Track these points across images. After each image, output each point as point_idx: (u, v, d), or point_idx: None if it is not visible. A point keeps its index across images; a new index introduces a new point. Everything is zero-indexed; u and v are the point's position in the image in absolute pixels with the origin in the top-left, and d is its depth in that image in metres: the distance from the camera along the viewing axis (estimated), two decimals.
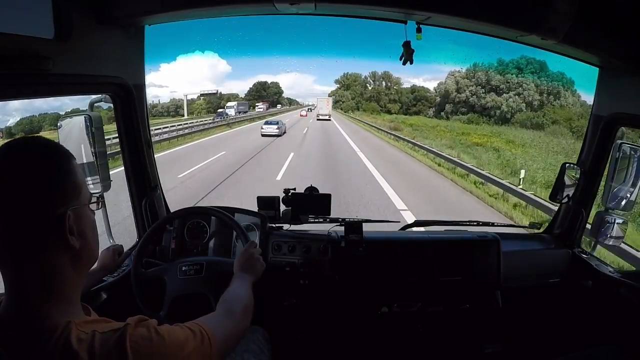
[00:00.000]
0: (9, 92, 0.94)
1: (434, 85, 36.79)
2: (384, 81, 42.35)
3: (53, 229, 0.58)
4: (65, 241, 0.59)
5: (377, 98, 41.75)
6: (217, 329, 0.73)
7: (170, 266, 1.25)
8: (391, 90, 41.42)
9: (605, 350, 1.28)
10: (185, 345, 0.65)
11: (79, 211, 0.62)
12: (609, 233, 1.48)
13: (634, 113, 1.35)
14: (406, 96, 39.43)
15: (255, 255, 1.11)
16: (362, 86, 44.52)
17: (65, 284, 0.61)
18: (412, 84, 40.49)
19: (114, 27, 1.19)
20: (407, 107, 38.10)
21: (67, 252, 0.60)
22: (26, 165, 0.58)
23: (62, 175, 0.61)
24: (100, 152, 1.32)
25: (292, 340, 1.58)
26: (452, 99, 31.93)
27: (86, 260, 0.65)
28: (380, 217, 1.94)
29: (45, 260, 0.58)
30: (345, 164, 11.09)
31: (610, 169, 1.48)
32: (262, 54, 57.77)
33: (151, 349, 0.60)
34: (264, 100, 45.78)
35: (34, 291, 0.58)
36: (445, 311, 1.52)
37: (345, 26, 62.55)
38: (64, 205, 0.59)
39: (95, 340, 0.56)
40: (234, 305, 0.87)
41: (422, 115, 34.50)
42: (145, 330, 0.61)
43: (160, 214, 1.60)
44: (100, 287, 1.22)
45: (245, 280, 1.01)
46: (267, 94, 49.63)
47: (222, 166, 9.97)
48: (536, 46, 1.29)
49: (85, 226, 0.63)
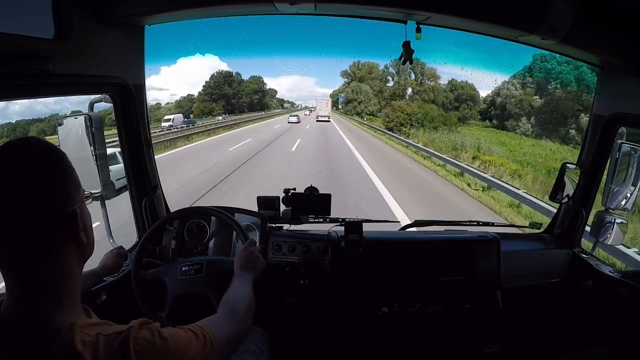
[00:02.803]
0: (9, 92, 0.94)
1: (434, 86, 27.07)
2: (414, 73, 28.29)
3: (66, 228, 0.59)
4: (76, 238, 0.61)
5: (403, 98, 28.07)
6: (219, 331, 0.74)
7: (170, 267, 1.25)
8: (424, 87, 27.85)
9: (605, 350, 1.27)
10: (189, 348, 0.65)
11: (83, 207, 0.63)
12: (609, 233, 1.49)
13: (634, 113, 1.35)
14: (444, 95, 27.00)
15: (255, 253, 1.11)
16: (381, 80, 31.04)
17: (72, 281, 0.62)
18: (451, 77, 27.11)
19: (114, 27, 1.19)
20: (446, 109, 26.02)
21: (76, 248, 0.61)
22: (30, 166, 0.58)
23: (65, 173, 0.62)
24: (100, 153, 1.32)
25: (292, 340, 1.58)
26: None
27: (89, 254, 0.66)
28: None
29: (57, 259, 0.59)
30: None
31: (610, 169, 1.48)
32: (262, 55, 56.22)
33: (154, 352, 0.60)
34: (227, 104, 30.17)
35: (41, 292, 0.58)
36: (445, 311, 1.52)
37: (345, 26, 62.30)
38: (72, 203, 0.60)
39: (99, 343, 0.56)
40: (236, 306, 0.87)
41: (490, 128, 22.74)
42: (148, 333, 0.61)
43: (160, 214, 1.60)
44: (100, 287, 1.22)
45: (246, 279, 1.01)
46: (234, 93, 33.09)
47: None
48: (536, 46, 1.29)
49: (87, 221, 0.65)
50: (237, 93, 33.79)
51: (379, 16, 1.24)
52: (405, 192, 7.34)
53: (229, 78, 33.16)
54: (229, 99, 32.10)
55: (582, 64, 3.68)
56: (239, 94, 33.86)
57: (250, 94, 35.26)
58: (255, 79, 36.42)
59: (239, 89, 34.14)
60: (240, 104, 33.83)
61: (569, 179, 1.56)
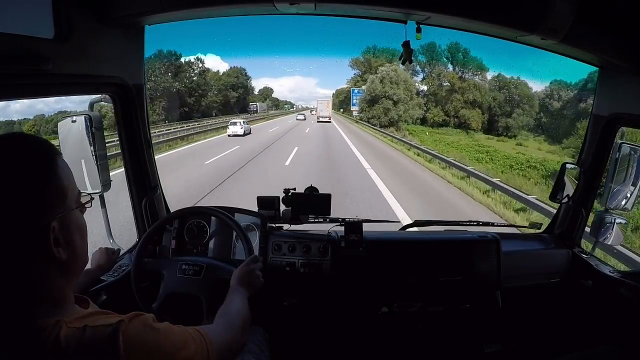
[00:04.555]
0: (9, 92, 0.94)
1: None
2: (453, 62, 19.42)
3: (36, 242, 0.54)
4: (50, 253, 0.55)
5: (437, 97, 19.98)
6: (216, 339, 0.72)
7: (171, 262, 1.26)
8: (467, 82, 19.82)
9: (605, 350, 1.27)
10: (185, 347, 0.63)
11: (65, 218, 0.57)
12: (609, 233, 1.49)
13: (634, 113, 1.35)
14: (489, 95, 19.56)
15: (255, 271, 1.08)
16: (406, 70, 22.17)
17: (54, 291, 0.58)
18: (498, 72, 19.42)
19: (114, 27, 1.19)
20: (494, 115, 18.50)
21: (53, 263, 0.56)
22: (3, 171, 0.52)
23: (44, 180, 0.56)
24: (100, 153, 1.32)
25: (292, 340, 1.58)
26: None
27: (75, 268, 0.61)
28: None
29: (30, 273, 0.55)
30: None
31: (610, 169, 1.48)
32: (263, 55, 56.02)
33: (146, 344, 0.58)
34: (170, 104, 18.14)
35: (21, 296, 0.55)
36: (445, 311, 1.52)
37: (345, 26, 62.21)
38: (47, 215, 0.55)
39: (85, 335, 0.54)
40: (234, 320, 0.85)
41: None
42: (140, 326, 0.59)
43: (160, 214, 1.60)
44: (100, 287, 1.22)
45: (242, 294, 0.99)
46: (191, 88, 20.97)
47: None
48: (536, 46, 1.29)
49: (72, 234, 0.59)
50: (196, 88, 22.09)
51: (379, 16, 1.24)
52: None
53: (176, 62, 19.18)
54: (181, 96, 20.85)
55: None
56: (199, 90, 22.16)
57: (225, 90, 24.96)
58: (235, 71, 26.93)
59: (198, 81, 22.82)
60: (207, 104, 23.65)
61: (569, 179, 1.56)
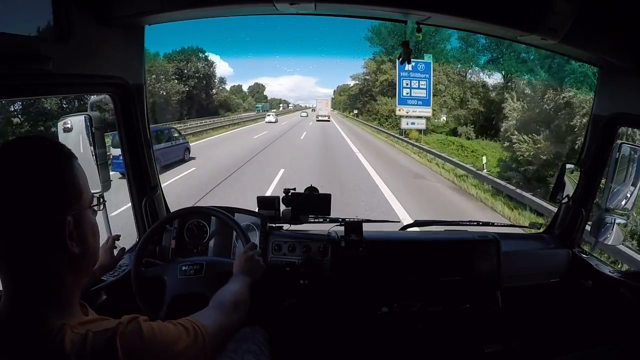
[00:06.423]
0: (9, 92, 0.94)
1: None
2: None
3: (52, 234, 0.58)
4: (64, 247, 0.58)
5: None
6: (208, 322, 0.74)
7: (171, 266, 1.25)
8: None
9: (605, 350, 1.27)
10: (178, 341, 0.65)
11: (79, 216, 0.61)
12: (609, 233, 1.49)
13: (634, 113, 1.35)
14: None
15: (254, 257, 1.11)
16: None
17: (64, 288, 0.60)
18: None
19: (114, 27, 1.19)
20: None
21: (66, 257, 0.59)
22: (25, 167, 0.57)
23: (63, 178, 0.60)
24: (100, 153, 1.32)
25: (292, 340, 1.58)
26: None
27: (86, 265, 0.64)
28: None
29: (43, 265, 0.58)
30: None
31: (610, 169, 1.48)
32: (263, 55, 56.07)
33: (142, 345, 0.60)
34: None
35: (30, 294, 0.58)
36: (445, 311, 1.52)
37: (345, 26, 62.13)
38: (64, 211, 0.58)
39: (87, 340, 0.56)
40: (223, 299, 0.89)
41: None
42: (136, 327, 0.61)
43: (160, 214, 1.60)
44: (100, 287, 1.22)
45: (241, 279, 1.02)
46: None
47: None
48: (536, 46, 1.29)
49: (86, 231, 0.62)
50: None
51: (379, 16, 1.24)
52: None
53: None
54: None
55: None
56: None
57: (169, 81, 16.43)
58: (185, 53, 18.35)
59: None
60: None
61: (568, 179, 1.56)
